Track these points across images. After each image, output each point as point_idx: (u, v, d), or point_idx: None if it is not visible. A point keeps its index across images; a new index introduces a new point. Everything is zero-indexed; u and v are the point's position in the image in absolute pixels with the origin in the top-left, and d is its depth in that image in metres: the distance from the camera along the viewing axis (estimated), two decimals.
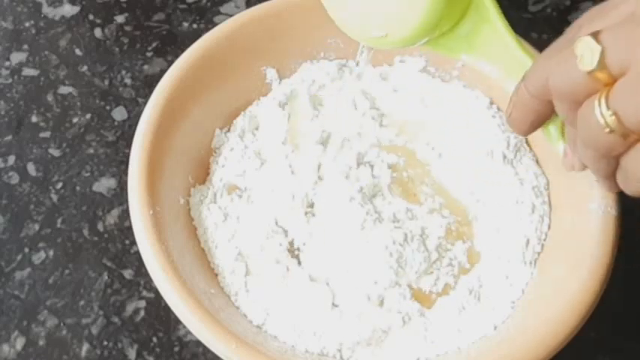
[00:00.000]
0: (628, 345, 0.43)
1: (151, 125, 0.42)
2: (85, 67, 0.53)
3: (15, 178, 0.48)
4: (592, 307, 0.37)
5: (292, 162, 0.45)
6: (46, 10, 0.55)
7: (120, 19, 0.55)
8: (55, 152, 0.49)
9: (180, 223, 0.42)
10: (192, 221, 0.42)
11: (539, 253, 0.42)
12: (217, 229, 0.42)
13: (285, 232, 0.43)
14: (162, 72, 0.44)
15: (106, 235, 0.46)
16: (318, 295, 0.40)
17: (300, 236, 0.42)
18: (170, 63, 0.46)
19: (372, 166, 0.45)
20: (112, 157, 0.49)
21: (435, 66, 0.47)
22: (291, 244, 0.42)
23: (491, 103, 0.46)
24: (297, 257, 0.42)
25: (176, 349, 0.43)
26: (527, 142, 0.45)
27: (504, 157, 0.44)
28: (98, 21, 0.55)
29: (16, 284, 0.44)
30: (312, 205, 0.43)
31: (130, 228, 0.43)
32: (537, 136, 0.45)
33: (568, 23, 0.55)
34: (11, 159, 0.49)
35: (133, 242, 0.44)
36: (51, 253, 0.46)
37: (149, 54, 0.54)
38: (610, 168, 0.31)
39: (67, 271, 0.45)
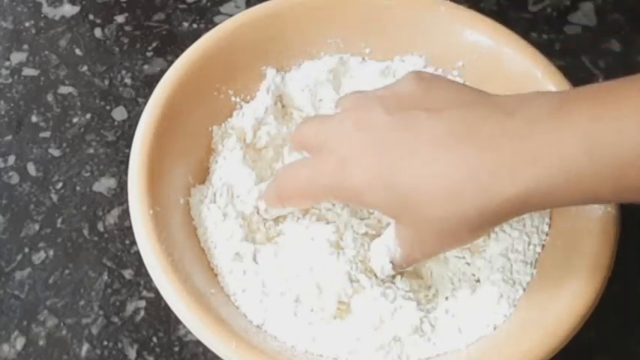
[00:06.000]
0: (627, 345, 0.43)
1: (151, 125, 0.42)
2: (85, 67, 0.53)
3: (15, 178, 0.48)
4: (592, 308, 0.37)
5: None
6: (46, 10, 0.55)
7: (120, 19, 0.55)
8: (55, 152, 0.49)
9: (180, 223, 0.41)
10: (192, 221, 0.42)
11: (539, 253, 0.42)
12: (217, 229, 0.42)
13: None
14: (162, 72, 0.44)
15: (106, 235, 0.46)
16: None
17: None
18: (170, 63, 0.46)
19: None
20: (112, 157, 0.49)
21: (435, 65, 0.47)
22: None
23: None
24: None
25: (176, 349, 0.43)
26: None
27: None
28: (98, 21, 0.55)
29: (16, 284, 0.44)
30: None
31: (130, 228, 0.43)
32: None
33: (568, 23, 0.55)
34: (11, 159, 0.49)
35: (133, 242, 0.44)
36: (51, 253, 0.46)
37: (149, 54, 0.54)
38: None
39: (67, 271, 0.45)
